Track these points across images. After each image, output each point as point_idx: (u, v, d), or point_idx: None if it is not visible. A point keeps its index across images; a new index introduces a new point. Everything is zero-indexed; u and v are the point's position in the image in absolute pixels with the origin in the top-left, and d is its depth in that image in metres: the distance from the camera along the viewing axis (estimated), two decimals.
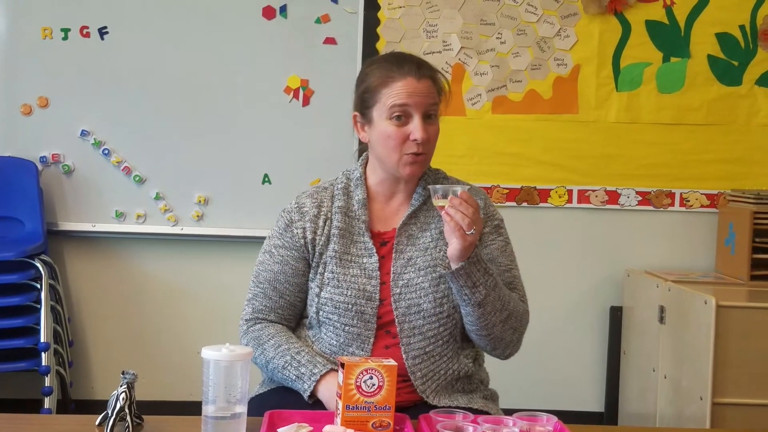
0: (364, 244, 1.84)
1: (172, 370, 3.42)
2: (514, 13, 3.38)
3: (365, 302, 1.80)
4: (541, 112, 3.42)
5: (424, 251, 1.84)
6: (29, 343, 3.04)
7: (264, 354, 1.82)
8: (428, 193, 1.87)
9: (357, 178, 1.90)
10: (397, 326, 1.80)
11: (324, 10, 3.34)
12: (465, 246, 1.68)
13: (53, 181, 3.33)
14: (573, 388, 3.52)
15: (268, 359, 1.81)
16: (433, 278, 1.82)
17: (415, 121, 1.79)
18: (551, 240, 3.46)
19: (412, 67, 1.81)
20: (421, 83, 1.80)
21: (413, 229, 1.86)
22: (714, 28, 3.40)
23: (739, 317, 2.70)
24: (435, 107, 1.82)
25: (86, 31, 3.30)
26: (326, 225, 1.86)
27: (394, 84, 1.80)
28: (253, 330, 1.86)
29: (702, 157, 3.45)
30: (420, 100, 1.79)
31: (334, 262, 1.83)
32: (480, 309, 1.75)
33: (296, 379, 1.75)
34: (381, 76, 1.82)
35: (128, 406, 1.51)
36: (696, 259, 3.47)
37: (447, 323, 1.82)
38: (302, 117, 3.36)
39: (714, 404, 2.68)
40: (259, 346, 1.83)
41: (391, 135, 1.80)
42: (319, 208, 1.87)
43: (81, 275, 3.43)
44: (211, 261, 3.44)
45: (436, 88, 1.84)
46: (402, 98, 1.78)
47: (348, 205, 1.88)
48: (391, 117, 1.80)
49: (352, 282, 1.81)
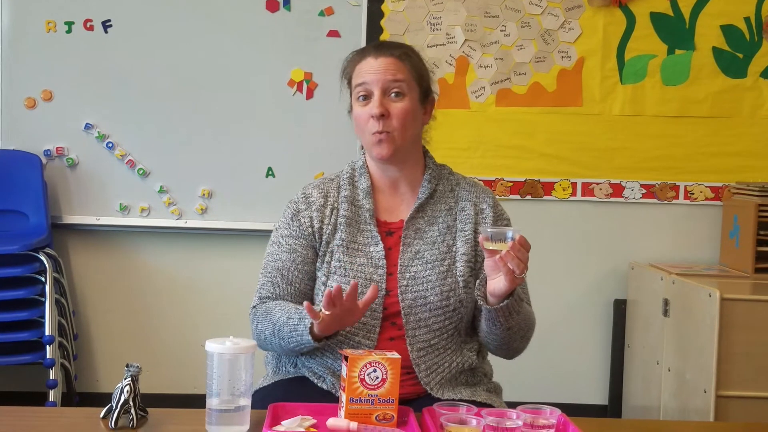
0: (369, 233, 1.84)
1: (177, 363, 3.42)
2: (518, 6, 3.37)
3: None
4: (545, 104, 3.41)
5: (431, 245, 1.84)
6: (34, 336, 3.04)
7: (270, 318, 1.78)
8: (434, 186, 1.88)
9: (360, 167, 1.91)
10: (403, 318, 1.80)
11: (328, 2, 3.34)
12: (513, 288, 1.69)
13: (57, 175, 3.34)
14: (577, 381, 3.53)
15: (274, 321, 1.76)
16: (440, 271, 1.82)
17: (374, 98, 1.81)
18: (555, 233, 3.46)
19: (370, 49, 1.87)
20: (379, 60, 1.83)
21: (420, 222, 1.86)
22: (719, 20, 3.39)
23: (744, 310, 2.70)
24: (398, 84, 1.82)
25: (90, 25, 3.30)
26: (333, 214, 1.86)
27: (357, 67, 1.85)
28: (260, 307, 1.84)
29: (706, 149, 3.44)
30: (377, 77, 1.81)
31: (341, 251, 1.82)
32: (508, 332, 1.78)
33: (298, 321, 1.71)
34: (349, 64, 1.89)
35: (132, 398, 1.51)
36: (700, 251, 3.47)
37: (453, 317, 1.83)
38: (306, 110, 3.36)
39: (718, 397, 2.68)
40: (266, 316, 1.79)
41: (359, 116, 1.85)
42: (326, 198, 1.88)
43: (85, 268, 3.43)
44: (215, 254, 3.44)
45: (403, 65, 1.84)
46: (361, 77, 1.83)
47: (354, 195, 1.88)
48: (357, 98, 1.84)
49: (358, 271, 1.81)
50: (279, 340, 1.76)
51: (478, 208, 1.89)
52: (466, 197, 1.90)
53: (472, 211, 1.88)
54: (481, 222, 1.88)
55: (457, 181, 1.93)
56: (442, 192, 1.90)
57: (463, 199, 1.90)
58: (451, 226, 1.87)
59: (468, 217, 1.87)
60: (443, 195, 1.90)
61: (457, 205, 1.89)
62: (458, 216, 1.88)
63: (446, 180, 1.92)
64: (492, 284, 1.70)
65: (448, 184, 1.92)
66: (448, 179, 1.93)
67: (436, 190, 1.89)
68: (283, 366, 1.88)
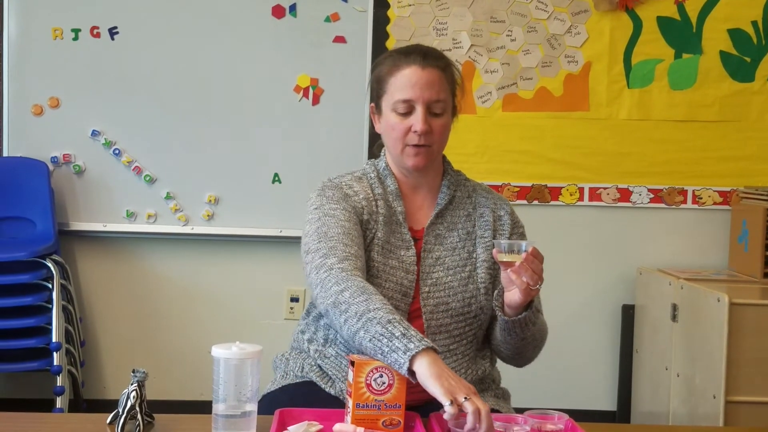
0: (401, 235, 1.83)
1: (184, 370, 3.42)
2: (525, 11, 3.37)
3: (400, 297, 1.79)
4: (551, 109, 3.41)
5: (452, 251, 1.84)
6: (41, 343, 3.05)
7: (368, 302, 1.57)
8: (453, 192, 1.88)
9: (383, 168, 1.89)
10: (425, 323, 1.79)
11: (334, 8, 3.34)
12: (528, 299, 1.69)
13: (64, 182, 3.34)
14: (585, 386, 3.51)
15: (370, 308, 1.56)
16: (461, 278, 1.82)
17: (417, 113, 1.78)
18: (563, 238, 3.45)
19: (417, 56, 1.80)
20: (426, 72, 1.79)
21: (440, 228, 1.86)
22: (726, 24, 3.38)
23: (753, 315, 2.69)
24: (441, 103, 1.80)
25: (97, 32, 3.31)
26: (376, 210, 1.83)
27: (399, 72, 1.80)
28: (355, 278, 1.64)
29: (714, 154, 3.43)
30: (422, 94, 1.78)
31: (377, 250, 1.80)
32: (522, 342, 1.79)
33: (401, 336, 1.50)
34: (389, 65, 1.83)
35: (139, 404, 1.51)
36: (709, 256, 3.45)
37: (473, 323, 1.83)
38: (312, 116, 3.36)
39: (727, 402, 2.67)
40: (363, 292, 1.60)
41: (395, 126, 1.81)
42: (367, 192, 1.84)
43: (92, 275, 3.44)
44: (221, 260, 3.44)
45: (446, 78, 1.82)
46: (406, 92, 1.78)
47: (386, 195, 1.86)
48: (395, 108, 1.80)
49: (390, 274, 1.79)
50: (365, 323, 1.55)
51: (496, 214, 1.90)
52: (484, 203, 1.90)
53: (490, 217, 1.89)
54: (499, 229, 1.88)
55: (473, 187, 1.94)
56: (461, 198, 1.90)
57: (481, 206, 1.90)
58: (470, 233, 1.87)
59: (487, 224, 1.88)
60: (461, 201, 1.90)
61: (476, 212, 1.89)
62: (477, 222, 1.88)
63: (463, 186, 1.92)
64: (508, 296, 1.70)
65: (465, 191, 1.92)
66: (465, 185, 1.93)
67: (454, 196, 1.89)
68: (291, 371, 1.87)
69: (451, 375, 1.46)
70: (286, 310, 3.46)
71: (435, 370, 1.45)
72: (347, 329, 1.59)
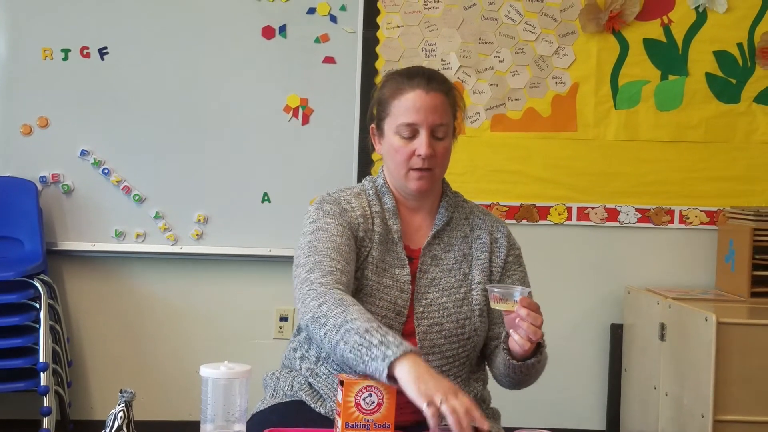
0: (397, 254, 1.83)
1: (172, 390, 3.40)
2: (513, 32, 3.40)
3: (394, 316, 1.79)
4: (539, 130, 3.43)
5: (447, 272, 1.85)
6: (28, 363, 3.02)
7: (346, 313, 1.58)
8: (450, 213, 1.88)
9: (381, 185, 1.90)
10: (418, 343, 1.79)
11: (323, 29, 3.36)
12: (530, 349, 1.70)
13: (53, 201, 3.34)
14: (574, 406, 3.51)
15: (348, 319, 1.57)
16: (456, 299, 1.83)
17: (421, 137, 1.79)
18: (551, 258, 3.46)
19: (422, 80, 1.81)
20: (430, 96, 1.80)
21: (437, 249, 1.87)
22: (712, 46, 3.42)
23: (740, 334, 2.70)
24: (443, 127, 1.81)
25: (86, 52, 3.32)
26: (372, 228, 1.83)
27: (403, 96, 1.81)
28: (334, 291, 1.65)
29: (701, 174, 3.45)
30: (426, 118, 1.79)
31: (371, 269, 1.80)
32: (527, 377, 1.80)
33: (379, 344, 1.51)
34: (392, 88, 1.84)
35: (126, 424, 1.50)
36: (696, 276, 3.47)
37: (467, 345, 1.83)
38: (302, 136, 3.37)
39: (715, 422, 2.67)
40: (340, 305, 1.61)
41: (398, 149, 1.81)
42: (364, 209, 1.84)
43: (80, 295, 3.42)
44: (210, 280, 3.43)
45: (448, 101, 1.84)
46: (410, 116, 1.79)
47: (383, 212, 1.86)
48: (399, 132, 1.81)
49: (384, 293, 1.79)
50: (344, 335, 1.56)
51: (493, 237, 1.90)
52: (481, 225, 1.91)
53: (487, 239, 1.89)
54: (495, 251, 1.89)
55: (471, 209, 1.94)
56: (458, 219, 1.91)
57: (477, 228, 1.91)
58: (467, 254, 1.87)
59: (484, 246, 1.88)
60: (459, 222, 1.90)
61: (473, 233, 1.90)
62: (474, 244, 1.89)
63: (461, 208, 1.93)
64: (512, 343, 1.71)
65: (463, 212, 1.92)
66: (463, 207, 1.93)
67: (452, 217, 1.90)
68: (281, 389, 1.87)
69: (431, 376, 1.47)
70: (276, 329, 3.45)
71: (414, 374, 1.46)
72: (328, 342, 1.59)
